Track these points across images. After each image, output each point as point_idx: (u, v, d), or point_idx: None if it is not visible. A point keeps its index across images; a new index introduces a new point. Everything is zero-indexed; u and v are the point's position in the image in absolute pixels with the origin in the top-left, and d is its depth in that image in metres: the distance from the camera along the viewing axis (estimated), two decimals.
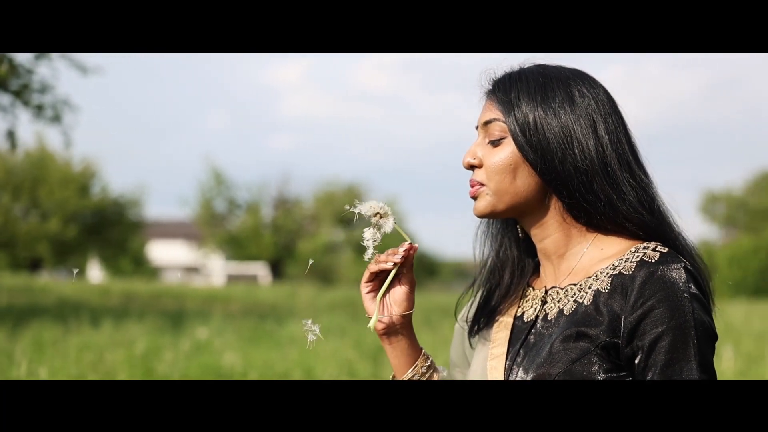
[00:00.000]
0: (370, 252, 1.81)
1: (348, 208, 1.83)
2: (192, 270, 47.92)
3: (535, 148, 1.75)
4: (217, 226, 39.31)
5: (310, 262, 2.36)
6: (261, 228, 38.99)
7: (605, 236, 1.79)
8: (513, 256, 1.92)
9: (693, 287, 1.67)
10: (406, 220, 39.79)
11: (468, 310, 1.98)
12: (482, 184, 1.80)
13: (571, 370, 1.68)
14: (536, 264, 1.91)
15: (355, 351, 9.23)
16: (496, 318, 1.89)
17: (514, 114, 1.77)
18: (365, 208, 1.81)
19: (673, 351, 1.65)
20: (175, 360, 8.21)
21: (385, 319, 1.85)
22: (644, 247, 1.72)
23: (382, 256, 1.83)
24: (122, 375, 6.14)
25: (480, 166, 1.81)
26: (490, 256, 1.94)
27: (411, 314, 1.86)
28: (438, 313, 14.02)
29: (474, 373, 1.89)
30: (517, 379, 1.75)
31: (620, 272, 1.71)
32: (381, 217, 1.82)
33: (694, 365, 1.65)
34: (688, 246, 1.78)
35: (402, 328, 1.87)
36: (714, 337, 1.70)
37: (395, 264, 1.82)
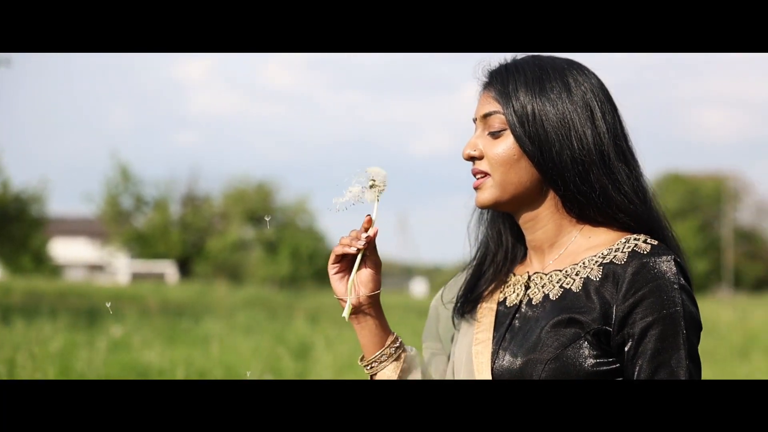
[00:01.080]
0: (338, 203, 1.81)
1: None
2: (96, 268, 47.06)
3: (532, 140, 1.76)
4: (124, 223, 38.70)
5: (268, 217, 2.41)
6: (169, 225, 38.54)
7: (594, 226, 1.81)
8: (506, 242, 1.93)
9: (682, 279, 1.71)
10: (317, 219, 39.73)
11: (459, 292, 1.97)
12: (486, 174, 1.81)
13: (562, 355, 1.70)
14: (524, 251, 1.92)
15: (278, 348, 9.17)
16: (481, 303, 1.90)
17: (513, 105, 1.78)
18: (372, 172, 1.81)
19: (663, 340, 1.69)
20: (92, 358, 8.04)
21: (353, 300, 1.86)
22: (635, 239, 1.75)
23: (346, 240, 1.83)
24: (49, 373, 5.97)
25: (481, 158, 1.82)
26: (483, 243, 1.95)
27: (378, 294, 1.87)
28: None
29: (458, 358, 1.89)
30: (504, 363, 1.77)
31: (612, 261, 1.74)
32: (371, 188, 1.81)
33: (683, 354, 1.69)
34: (674, 238, 1.82)
35: (370, 309, 1.87)
36: (700, 327, 1.74)
37: (359, 249, 1.83)
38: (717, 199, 47.02)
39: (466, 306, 1.92)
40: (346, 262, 1.86)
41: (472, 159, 1.83)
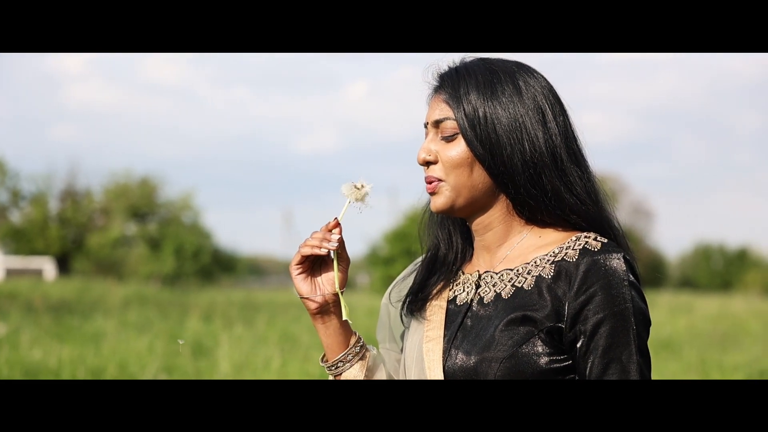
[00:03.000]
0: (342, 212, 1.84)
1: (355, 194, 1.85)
2: None
3: (484, 144, 1.78)
4: None
5: (181, 342, 2.38)
6: (47, 221, 37.49)
7: (543, 226, 1.84)
8: (456, 243, 1.94)
9: (631, 276, 1.75)
10: (202, 216, 39.20)
11: (408, 290, 1.97)
12: (440, 180, 1.82)
13: (516, 353, 1.72)
14: (473, 250, 1.94)
15: (171, 346, 9.03)
16: (430, 301, 1.91)
17: (464, 110, 1.79)
18: (367, 185, 1.84)
19: (614, 336, 1.72)
20: None
21: (318, 299, 1.86)
22: (585, 236, 1.78)
23: (314, 241, 1.83)
24: None
25: (435, 162, 1.82)
26: (434, 244, 1.96)
27: (342, 293, 1.87)
28: (250, 310, 13.91)
29: (409, 356, 1.89)
30: (458, 362, 1.78)
31: (563, 259, 1.77)
32: (355, 188, 1.83)
33: (634, 349, 1.72)
34: (623, 237, 1.85)
35: (335, 307, 1.87)
36: (649, 322, 1.77)
37: (329, 250, 1.83)
38: None
39: (415, 304, 1.92)
40: (309, 263, 1.86)
41: (426, 164, 1.84)
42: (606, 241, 1.77)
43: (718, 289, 43.90)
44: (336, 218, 1.83)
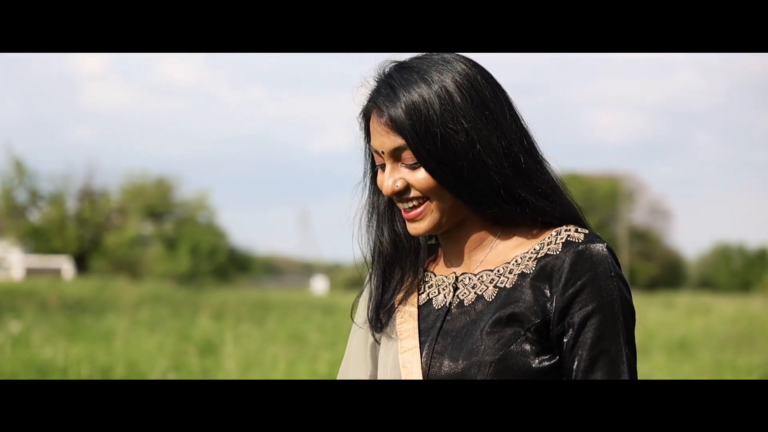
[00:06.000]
0: None
1: None
2: None
3: (446, 170, 1.70)
4: (18, 217, 37.80)
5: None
6: (65, 220, 37.79)
7: (517, 225, 1.78)
8: (403, 240, 1.85)
9: (616, 266, 1.72)
10: (217, 216, 39.46)
11: (370, 305, 1.87)
12: (422, 202, 1.74)
13: (505, 355, 1.67)
14: (430, 249, 1.87)
15: (182, 344, 9.05)
16: (397, 309, 1.83)
17: (418, 136, 1.70)
18: None
19: (603, 328, 1.68)
20: None
21: None
22: (566, 230, 1.74)
23: None
24: None
25: (406, 189, 1.74)
26: (377, 249, 1.87)
27: None
28: (262, 309, 13.93)
29: (383, 371, 1.82)
30: (444, 368, 1.72)
31: (546, 254, 1.73)
32: None
33: (622, 341, 1.69)
34: (589, 225, 1.80)
35: None
36: (634, 312, 1.75)
37: None
38: (612, 199, 48.10)
39: (383, 317, 1.84)
40: None
41: (396, 193, 1.75)
42: (587, 231, 1.73)
43: (738, 289, 43.72)
44: None
